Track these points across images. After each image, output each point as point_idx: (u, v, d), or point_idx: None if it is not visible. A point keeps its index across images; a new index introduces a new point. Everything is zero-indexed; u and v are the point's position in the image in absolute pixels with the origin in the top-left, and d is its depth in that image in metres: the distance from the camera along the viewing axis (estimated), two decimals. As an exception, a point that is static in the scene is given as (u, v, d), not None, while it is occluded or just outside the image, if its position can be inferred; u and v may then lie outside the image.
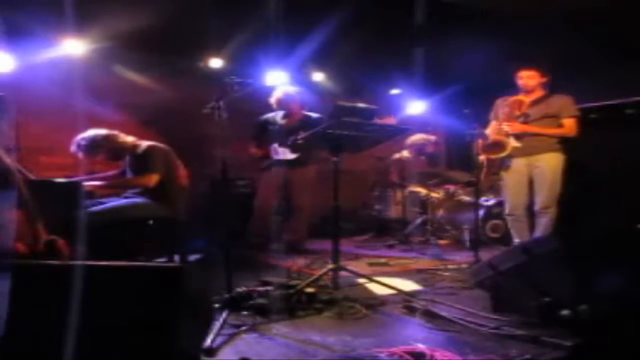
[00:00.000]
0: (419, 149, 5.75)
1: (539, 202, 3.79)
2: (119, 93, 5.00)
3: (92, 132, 3.38)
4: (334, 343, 2.09)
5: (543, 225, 3.77)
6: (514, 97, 3.92)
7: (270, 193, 4.57)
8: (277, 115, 4.65)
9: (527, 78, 3.84)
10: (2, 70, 4.19)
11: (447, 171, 5.81)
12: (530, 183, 3.85)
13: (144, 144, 3.44)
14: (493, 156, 3.94)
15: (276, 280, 2.95)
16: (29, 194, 2.22)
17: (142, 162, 3.35)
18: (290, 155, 4.50)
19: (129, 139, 3.47)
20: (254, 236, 4.53)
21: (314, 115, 4.52)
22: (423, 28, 4.29)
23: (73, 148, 3.37)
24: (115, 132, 3.45)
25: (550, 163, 3.78)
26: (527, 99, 3.88)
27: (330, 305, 2.61)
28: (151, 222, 3.32)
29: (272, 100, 4.57)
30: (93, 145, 3.35)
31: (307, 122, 4.41)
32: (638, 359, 1.78)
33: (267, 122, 4.67)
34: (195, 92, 4.04)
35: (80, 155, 3.36)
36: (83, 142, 3.34)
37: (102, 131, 3.41)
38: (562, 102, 3.80)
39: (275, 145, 4.57)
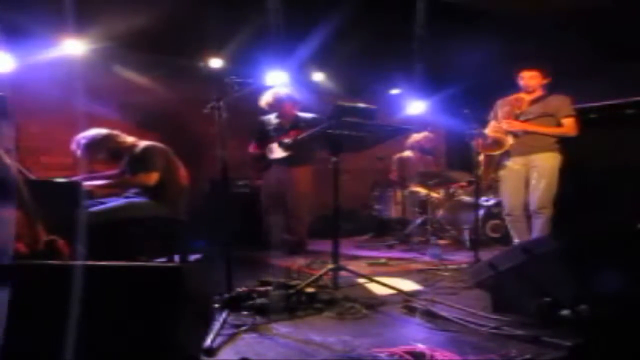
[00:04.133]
0: (420, 147, 5.76)
1: (535, 202, 3.78)
2: (119, 93, 5.01)
3: (93, 132, 3.37)
4: (334, 343, 2.09)
5: (539, 226, 3.77)
6: (515, 95, 3.93)
7: (269, 193, 4.63)
8: (272, 116, 4.68)
9: (529, 78, 3.85)
10: (2, 70, 4.19)
11: (447, 171, 5.82)
12: (528, 183, 3.85)
13: (142, 143, 3.42)
14: (492, 153, 3.95)
15: (276, 280, 2.95)
16: (29, 194, 2.22)
17: (140, 161, 3.33)
18: (282, 154, 4.53)
19: (129, 139, 3.46)
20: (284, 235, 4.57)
21: (308, 115, 4.55)
22: (423, 28, 4.29)
23: (73, 146, 3.36)
24: (116, 132, 3.44)
25: (547, 163, 3.78)
26: (527, 97, 3.89)
27: (330, 305, 2.61)
28: (151, 222, 3.32)
29: (263, 103, 4.58)
30: (94, 144, 3.33)
31: (299, 122, 4.47)
32: (638, 359, 1.78)
33: (264, 123, 4.70)
34: (195, 92, 4.04)
35: (80, 154, 3.36)
36: (84, 141, 3.32)
37: (103, 131, 3.40)
38: (560, 102, 3.81)
39: (271, 144, 4.59)
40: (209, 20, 4.31)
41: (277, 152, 4.57)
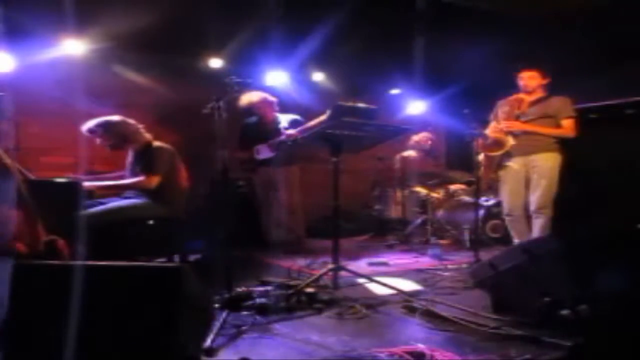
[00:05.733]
0: (420, 148, 5.76)
1: (535, 202, 3.78)
2: (119, 93, 5.00)
3: (118, 117, 3.43)
4: (334, 343, 2.09)
5: (539, 226, 3.76)
6: (515, 96, 3.93)
7: (265, 192, 4.66)
8: (252, 119, 4.71)
9: (529, 79, 3.85)
10: (2, 70, 4.19)
11: (447, 171, 5.81)
12: (528, 183, 3.85)
13: (155, 143, 3.47)
14: (492, 153, 3.95)
15: (276, 280, 2.96)
16: (29, 194, 2.22)
17: (148, 161, 3.35)
18: (269, 154, 4.53)
19: (147, 135, 3.50)
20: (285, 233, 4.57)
21: (288, 117, 4.56)
22: (423, 28, 4.30)
23: (90, 125, 3.35)
24: (140, 125, 3.49)
25: (548, 163, 3.78)
26: (527, 98, 3.88)
27: (330, 305, 2.61)
28: (151, 222, 3.32)
29: (243, 105, 4.58)
30: (113, 124, 3.36)
31: (279, 122, 4.53)
32: (638, 359, 1.78)
33: (248, 126, 4.72)
34: (195, 92, 4.04)
35: (93, 133, 3.35)
36: (105, 119, 3.36)
37: (131, 120, 3.46)
38: (560, 103, 3.81)
39: (257, 146, 4.60)
40: (209, 20, 4.31)
41: (264, 152, 4.58)
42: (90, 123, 3.36)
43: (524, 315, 2.26)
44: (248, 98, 4.56)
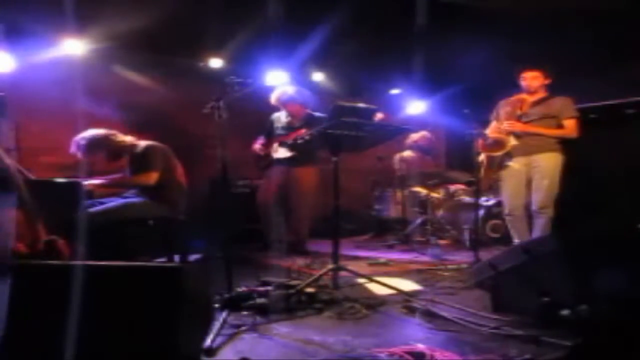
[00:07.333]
0: (418, 147, 5.76)
1: (537, 201, 3.78)
2: (119, 93, 5.00)
3: (91, 132, 3.35)
4: (334, 343, 2.09)
5: (540, 226, 3.77)
6: (516, 96, 3.93)
7: (270, 192, 4.60)
8: (282, 114, 4.65)
9: (531, 79, 3.85)
10: (2, 70, 4.19)
11: (447, 171, 5.81)
12: (529, 183, 3.86)
13: (143, 143, 3.44)
14: (493, 154, 3.95)
15: (276, 280, 2.96)
16: (29, 194, 2.22)
17: (141, 161, 3.35)
18: (287, 154, 4.48)
19: (128, 138, 3.47)
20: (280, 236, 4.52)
21: (317, 114, 4.51)
22: (423, 28, 4.29)
23: (73, 148, 3.34)
24: (113, 131, 3.44)
25: (549, 163, 3.78)
26: (529, 98, 3.88)
27: (330, 305, 2.61)
28: (151, 222, 3.32)
29: (272, 100, 4.57)
30: (93, 145, 3.31)
31: (310, 121, 4.41)
32: (638, 359, 1.78)
33: (273, 121, 4.68)
34: (195, 92, 4.03)
35: (80, 155, 3.35)
36: (83, 142, 3.30)
37: (102, 131, 3.39)
38: (562, 104, 3.81)
39: (275, 144, 4.57)
40: (209, 20, 4.31)
41: (281, 151, 4.54)
42: (75, 145, 3.30)
43: (524, 315, 2.26)
44: (278, 92, 4.52)
